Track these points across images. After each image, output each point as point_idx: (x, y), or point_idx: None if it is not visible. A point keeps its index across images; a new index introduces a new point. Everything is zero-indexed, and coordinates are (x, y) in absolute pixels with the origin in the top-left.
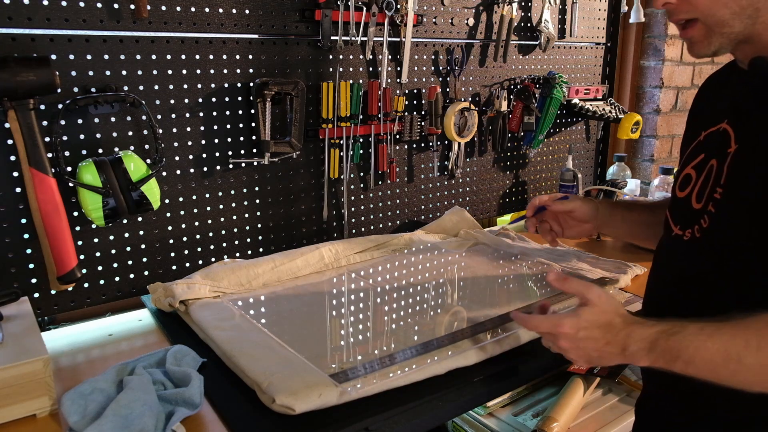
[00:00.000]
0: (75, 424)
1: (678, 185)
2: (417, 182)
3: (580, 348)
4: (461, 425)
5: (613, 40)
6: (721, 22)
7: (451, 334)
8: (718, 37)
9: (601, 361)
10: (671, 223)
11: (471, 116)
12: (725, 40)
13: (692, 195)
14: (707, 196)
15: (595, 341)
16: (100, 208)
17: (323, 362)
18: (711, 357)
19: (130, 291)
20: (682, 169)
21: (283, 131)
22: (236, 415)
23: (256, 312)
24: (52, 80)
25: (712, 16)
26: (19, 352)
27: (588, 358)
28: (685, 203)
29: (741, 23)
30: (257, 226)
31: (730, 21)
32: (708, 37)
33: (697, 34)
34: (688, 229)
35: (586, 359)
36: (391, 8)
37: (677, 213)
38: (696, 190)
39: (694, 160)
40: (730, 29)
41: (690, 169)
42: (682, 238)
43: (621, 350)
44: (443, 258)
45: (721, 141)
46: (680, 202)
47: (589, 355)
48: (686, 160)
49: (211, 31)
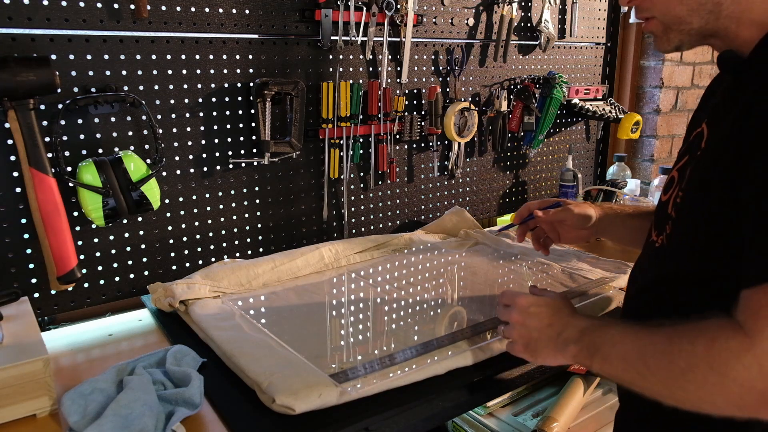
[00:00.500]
0: (75, 424)
1: (663, 188)
2: (417, 182)
3: (525, 325)
4: (461, 425)
5: (613, 40)
6: (678, 19)
7: (451, 334)
8: (676, 33)
9: (538, 345)
10: (652, 228)
11: (471, 116)
12: (684, 36)
13: (670, 199)
14: (673, 200)
15: (540, 319)
16: (100, 208)
17: (323, 362)
18: (624, 355)
19: (130, 291)
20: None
21: (283, 131)
22: (236, 415)
23: (256, 312)
24: (52, 80)
25: (667, 14)
26: (19, 352)
27: (528, 338)
28: (663, 207)
29: (700, 19)
30: (257, 226)
31: (687, 18)
32: (666, 33)
33: (655, 29)
34: (661, 235)
35: (526, 340)
36: (391, 8)
37: (657, 217)
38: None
39: (680, 161)
40: (688, 26)
41: (675, 171)
42: (654, 244)
43: (557, 334)
44: (443, 258)
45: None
46: (660, 205)
47: (530, 335)
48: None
49: (211, 31)
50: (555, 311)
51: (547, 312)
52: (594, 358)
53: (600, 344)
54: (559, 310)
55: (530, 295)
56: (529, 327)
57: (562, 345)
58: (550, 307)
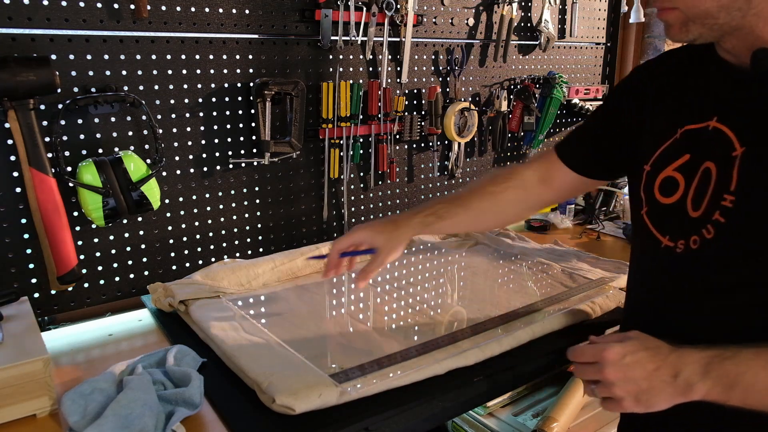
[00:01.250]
0: (75, 424)
1: (657, 189)
2: (417, 182)
3: (628, 378)
4: (461, 425)
5: (613, 40)
6: (705, 13)
7: (451, 334)
8: (698, 26)
9: (651, 394)
10: (656, 233)
11: (471, 116)
12: (706, 30)
13: (686, 202)
14: (708, 203)
15: (643, 367)
16: (100, 208)
17: (323, 362)
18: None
19: (130, 291)
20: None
21: (283, 131)
22: (236, 415)
23: (256, 312)
24: (52, 80)
25: (693, 8)
26: (19, 352)
27: (637, 390)
28: (676, 211)
29: (727, 15)
30: (257, 226)
31: (715, 13)
32: (685, 24)
33: (674, 20)
34: (681, 240)
35: (634, 393)
36: (391, 8)
37: (665, 222)
38: (690, 197)
39: (675, 161)
40: (713, 20)
41: (672, 171)
42: (674, 251)
43: (673, 376)
44: (443, 258)
45: (715, 142)
46: (667, 209)
47: (639, 386)
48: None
49: (211, 31)
50: (654, 352)
51: (646, 356)
52: (733, 391)
53: (737, 376)
54: (657, 350)
55: (614, 345)
56: (633, 379)
57: (684, 387)
58: (647, 350)
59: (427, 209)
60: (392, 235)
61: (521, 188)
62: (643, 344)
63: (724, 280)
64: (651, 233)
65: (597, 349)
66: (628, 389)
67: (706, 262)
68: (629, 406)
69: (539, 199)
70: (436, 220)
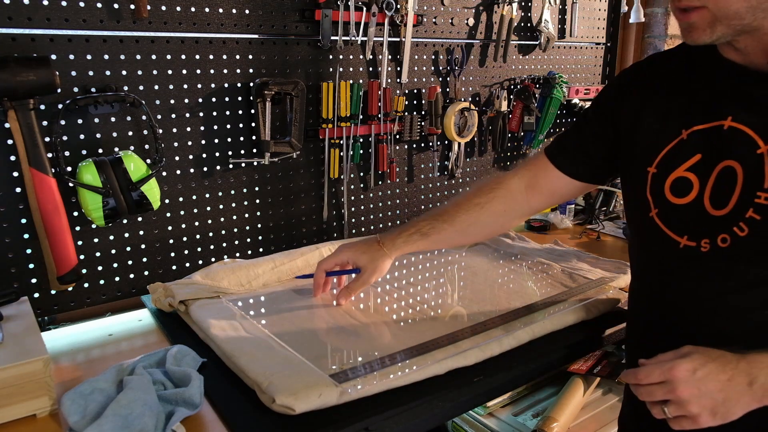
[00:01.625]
0: (75, 424)
1: (669, 190)
2: (417, 182)
3: (702, 393)
4: (461, 425)
5: (613, 40)
6: (734, 14)
7: (451, 334)
8: (724, 27)
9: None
10: (671, 234)
11: (471, 116)
12: (730, 30)
13: (703, 200)
14: (738, 201)
15: (716, 379)
16: (100, 208)
17: (323, 362)
18: None
19: (130, 291)
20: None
21: (283, 131)
22: (236, 415)
23: (256, 312)
24: (52, 80)
25: (723, 8)
26: (19, 352)
27: (713, 404)
28: (692, 211)
29: (752, 16)
30: (257, 226)
31: (744, 14)
32: (712, 25)
33: (701, 20)
34: (705, 239)
35: (711, 407)
36: (391, 8)
37: (679, 222)
38: (708, 195)
39: (685, 161)
40: (739, 21)
41: (684, 172)
42: (698, 250)
43: (748, 383)
44: (443, 258)
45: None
46: (681, 209)
47: (714, 399)
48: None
49: (211, 31)
50: (723, 363)
51: (716, 368)
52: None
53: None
54: (724, 360)
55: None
56: (708, 393)
57: (761, 393)
58: (715, 361)
59: (411, 227)
60: (375, 255)
61: (508, 197)
62: (709, 356)
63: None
64: (665, 235)
65: (664, 369)
66: (704, 404)
67: (740, 258)
68: (706, 420)
69: (528, 206)
70: (421, 238)
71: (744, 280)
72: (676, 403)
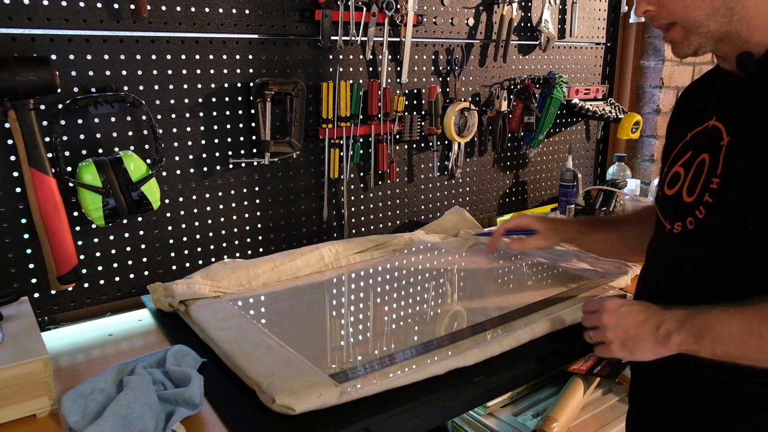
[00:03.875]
0: (75, 424)
1: (666, 184)
2: (417, 182)
3: (620, 324)
4: (461, 425)
5: (613, 40)
6: (697, 23)
7: (451, 334)
8: (696, 37)
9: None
10: (663, 221)
11: (471, 116)
12: (703, 39)
13: (683, 190)
14: (700, 188)
15: (634, 317)
16: (100, 208)
17: (323, 362)
18: (737, 332)
19: (130, 291)
20: (669, 170)
21: (283, 131)
22: (236, 415)
23: (256, 312)
24: (52, 80)
25: (687, 19)
26: (19, 352)
27: (625, 336)
28: (675, 199)
29: (716, 22)
30: (257, 226)
31: (705, 21)
32: (687, 37)
33: (678, 36)
34: (678, 222)
35: (622, 338)
36: (391, 8)
37: (667, 210)
38: (686, 185)
39: (681, 158)
40: (706, 29)
41: (678, 167)
42: (673, 232)
43: (656, 326)
44: (443, 258)
45: (711, 137)
46: (669, 199)
47: (627, 333)
48: (673, 161)
49: (211, 31)
50: (646, 308)
51: (639, 308)
52: (703, 342)
53: (707, 327)
54: (648, 307)
55: (615, 298)
56: (624, 325)
57: (663, 337)
58: (641, 305)
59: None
60: (553, 225)
61: None
62: (639, 302)
63: (715, 254)
64: (660, 222)
65: (600, 299)
66: (617, 334)
67: (699, 239)
68: (617, 350)
69: None
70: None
71: (699, 258)
72: (599, 329)
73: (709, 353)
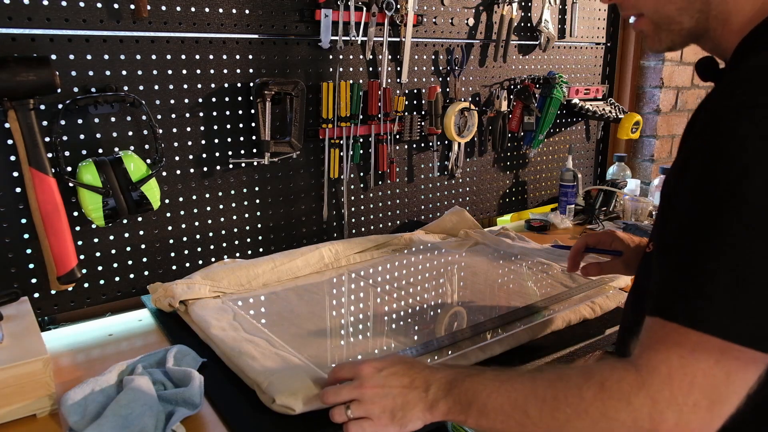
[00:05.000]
0: (75, 424)
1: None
2: (417, 182)
3: (386, 393)
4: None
5: (613, 40)
6: (668, 18)
7: (451, 334)
8: (667, 33)
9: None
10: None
11: (471, 116)
12: (675, 36)
13: None
14: None
15: (399, 380)
16: (100, 208)
17: (323, 362)
18: (501, 405)
19: (130, 291)
20: None
21: (283, 131)
22: (236, 415)
23: (256, 312)
24: (52, 80)
25: (656, 12)
26: (19, 352)
27: (393, 406)
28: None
29: (691, 18)
30: (257, 226)
31: (677, 17)
32: (657, 32)
33: (646, 28)
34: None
35: (391, 409)
36: (391, 8)
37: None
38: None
39: None
40: (678, 25)
41: None
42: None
43: (425, 390)
44: (443, 258)
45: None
46: None
47: (395, 401)
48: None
49: (211, 31)
50: (410, 366)
51: (403, 369)
52: (469, 412)
53: (473, 395)
54: (413, 365)
55: (371, 360)
56: (390, 394)
57: (431, 403)
58: (403, 363)
59: None
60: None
61: None
62: (400, 359)
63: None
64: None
65: (351, 365)
66: (385, 404)
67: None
68: (385, 424)
69: None
70: None
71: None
72: (360, 401)
73: (476, 425)
